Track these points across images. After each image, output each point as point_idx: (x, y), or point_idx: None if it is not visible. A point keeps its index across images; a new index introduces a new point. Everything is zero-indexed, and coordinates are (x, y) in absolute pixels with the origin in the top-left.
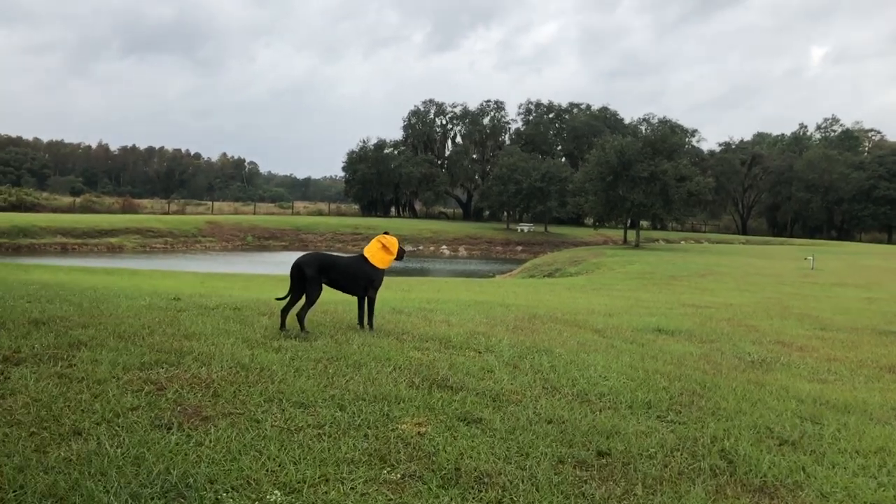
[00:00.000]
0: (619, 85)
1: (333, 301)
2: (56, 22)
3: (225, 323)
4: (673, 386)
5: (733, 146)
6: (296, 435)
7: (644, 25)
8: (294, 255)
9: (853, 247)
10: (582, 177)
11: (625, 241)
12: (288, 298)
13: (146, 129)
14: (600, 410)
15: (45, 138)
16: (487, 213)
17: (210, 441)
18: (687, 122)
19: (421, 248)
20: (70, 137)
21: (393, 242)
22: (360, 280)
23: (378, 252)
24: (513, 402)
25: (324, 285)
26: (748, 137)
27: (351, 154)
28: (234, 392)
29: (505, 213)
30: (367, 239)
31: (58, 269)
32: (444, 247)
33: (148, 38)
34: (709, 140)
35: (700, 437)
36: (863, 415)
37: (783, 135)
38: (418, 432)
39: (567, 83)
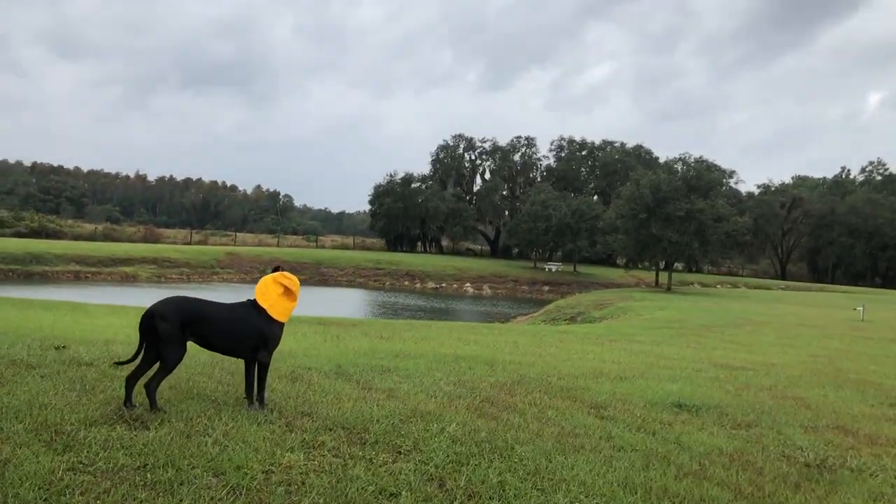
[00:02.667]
0: (669, 127)
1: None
2: (120, 56)
3: (66, 390)
4: None
5: (772, 188)
6: None
7: (700, 68)
8: (316, 291)
9: None
10: (613, 213)
11: (656, 283)
12: (136, 362)
13: (192, 161)
14: None
15: (94, 168)
16: (516, 251)
17: None
18: (733, 165)
19: (444, 285)
20: (117, 168)
21: (296, 283)
22: (247, 339)
23: (279, 300)
24: None
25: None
26: (789, 180)
27: (377, 187)
28: None
29: (533, 252)
30: (391, 274)
31: None
32: (467, 285)
33: (205, 73)
34: (747, 182)
35: None
36: None
37: (825, 178)
38: None
39: (617, 124)
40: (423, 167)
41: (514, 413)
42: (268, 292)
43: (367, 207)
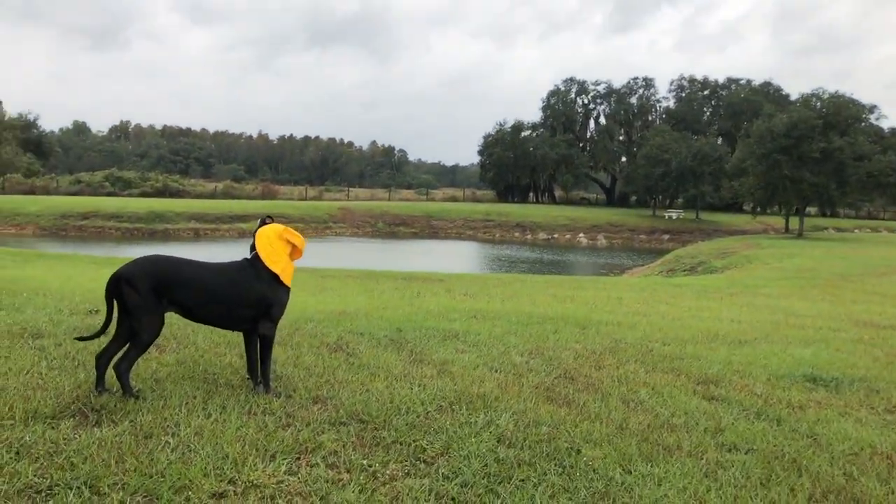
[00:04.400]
0: (807, 64)
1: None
2: (250, 18)
3: (48, 368)
4: None
5: None
6: None
7: None
8: (425, 244)
9: None
10: (741, 154)
11: (787, 229)
12: (110, 336)
13: (313, 118)
14: None
15: (220, 129)
16: (634, 198)
17: None
18: (879, 103)
19: (556, 236)
20: (242, 129)
21: (303, 241)
22: (246, 308)
23: (290, 263)
24: None
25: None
26: None
27: (487, 137)
28: None
29: (652, 199)
30: (500, 226)
31: (64, 257)
32: (581, 235)
33: (331, 31)
34: (891, 118)
35: None
36: None
37: None
38: None
39: (752, 63)
40: (537, 115)
41: (594, 395)
42: (277, 252)
43: (479, 159)
